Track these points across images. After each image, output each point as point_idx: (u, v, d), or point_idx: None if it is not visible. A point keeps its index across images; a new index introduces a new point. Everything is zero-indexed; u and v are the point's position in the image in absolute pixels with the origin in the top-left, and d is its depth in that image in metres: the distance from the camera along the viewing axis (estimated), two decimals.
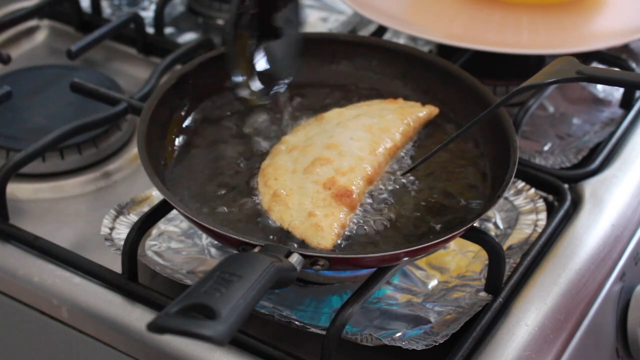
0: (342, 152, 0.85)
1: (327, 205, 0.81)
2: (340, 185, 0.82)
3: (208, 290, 0.61)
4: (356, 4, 1.11)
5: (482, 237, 0.82)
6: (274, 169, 0.85)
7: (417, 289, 0.85)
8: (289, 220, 0.80)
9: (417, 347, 0.77)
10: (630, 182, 0.97)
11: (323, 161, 0.84)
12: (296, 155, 0.86)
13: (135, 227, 0.83)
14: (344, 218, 0.81)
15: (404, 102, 0.93)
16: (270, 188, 0.83)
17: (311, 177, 0.83)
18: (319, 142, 0.86)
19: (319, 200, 0.81)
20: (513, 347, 0.80)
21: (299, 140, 0.88)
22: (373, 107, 0.92)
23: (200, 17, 1.24)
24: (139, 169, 0.97)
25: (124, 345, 0.82)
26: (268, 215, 0.81)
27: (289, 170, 0.84)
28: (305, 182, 0.83)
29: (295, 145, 0.87)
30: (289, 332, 0.80)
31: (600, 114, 1.08)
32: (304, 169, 0.84)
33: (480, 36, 0.96)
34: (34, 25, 1.21)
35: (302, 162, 0.85)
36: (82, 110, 1.01)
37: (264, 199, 0.83)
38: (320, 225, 0.79)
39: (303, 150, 0.86)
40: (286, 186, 0.83)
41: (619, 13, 1.13)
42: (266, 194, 0.83)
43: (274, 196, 0.82)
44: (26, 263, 0.87)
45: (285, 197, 0.82)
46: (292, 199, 0.82)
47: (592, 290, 0.87)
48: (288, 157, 0.86)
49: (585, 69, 0.77)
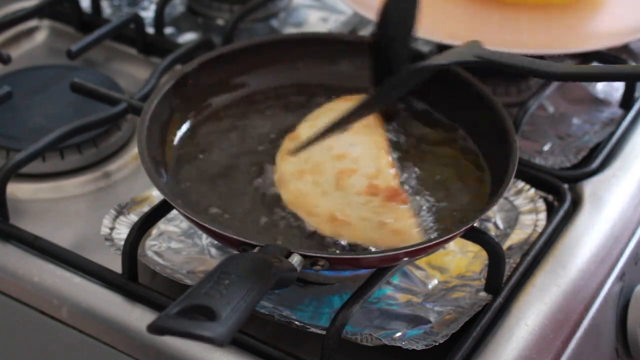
0: (355, 159, 0.84)
1: (387, 210, 0.80)
2: (384, 188, 0.81)
3: (208, 292, 0.61)
4: (356, 4, 1.11)
5: (482, 237, 0.82)
6: (304, 198, 0.82)
7: (417, 289, 0.85)
8: (363, 237, 0.80)
9: (417, 347, 0.77)
10: (630, 182, 0.97)
11: (347, 173, 0.83)
12: (312, 178, 0.83)
13: (135, 227, 0.83)
14: (410, 212, 0.81)
15: (355, 97, 0.90)
16: (320, 215, 0.81)
17: (349, 190, 0.82)
18: (323, 158, 0.84)
19: (376, 208, 0.81)
20: (513, 347, 0.80)
21: (300, 165, 0.85)
22: (334, 110, 0.88)
23: (200, 17, 1.24)
24: (139, 169, 0.97)
25: (124, 345, 0.82)
26: (335, 239, 0.80)
27: (319, 194, 0.82)
28: (348, 198, 0.81)
29: (301, 170, 0.84)
30: (289, 332, 0.80)
31: (600, 114, 1.08)
32: (335, 187, 0.82)
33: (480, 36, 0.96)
34: (34, 25, 1.21)
35: (326, 182, 0.83)
36: (82, 110, 1.01)
37: (320, 227, 0.81)
38: (399, 229, 0.79)
39: (315, 171, 0.84)
40: (336, 208, 0.81)
41: (619, 13, 1.13)
42: (321, 222, 0.81)
43: (333, 221, 0.80)
44: (26, 263, 0.87)
45: (345, 217, 0.80)
46: (350, 217, 0.80)
47: (592, 290, 0.87)
48: (304, 183, 0.83)
49: (483, 52, 0.76)
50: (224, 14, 1.22)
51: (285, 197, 0.83)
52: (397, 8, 0.83)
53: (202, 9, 1.24)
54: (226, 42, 1.09)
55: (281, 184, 0.84)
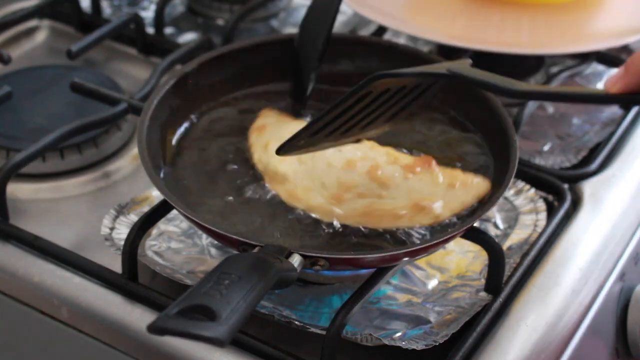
0: (366, 158, 0.85)
1: (436, 174, 0.83)
2: (414, 162, 0.84)
3: (208, 292, 0.61)
4: (356, 4, 1.11)
5: (482, 237, 0.82)
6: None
7: (417, 289, 0.85)
8: (451, 209, 0.82)
9: (417, 347, 0.77)
10: (630, 182, 0.97)
11: (375, 167, 0.84)
12: (346, 194, 0.83)
13: (135, 227, 0.83)
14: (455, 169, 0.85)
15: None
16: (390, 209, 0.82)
17: (392, 180, 0.83)
18: (333, 172, 0.84)
19: (428, 178, 0.83)
20: (513, 347, 0.80)
21: (314, 182, 0.84)
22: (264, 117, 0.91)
23: (200, 17, 1.24)
24: (139, 169, 0.97)
25: (123, 345, 0.82)
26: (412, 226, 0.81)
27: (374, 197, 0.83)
28: (396, 180, 0.83)
29: (321, 184, 0.84)
30: (289, 332, 0.80)
31: (600, 114, 1.08)
32: (371, 179, 0.83)
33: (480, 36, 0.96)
34: (34, 25, 1.21)
35: (363, 185, 0.83)
36: (82, 110, 1.01)
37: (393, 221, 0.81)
38: (467, 182, 0.83)
39: (345, 188, 0.83)
40: (405, 202, 0.82)
41: (619, 13, 1.13)
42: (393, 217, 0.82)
43: (416, 208, 0.81)
44: (26, 263, 0.87)
45: (426, 202, 0.82)
46: (432, 196, 0.82)
47: (592, 290, 0.87)
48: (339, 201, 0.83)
49: (458, 68, 0.77)
50: (224, 14, 1.22)
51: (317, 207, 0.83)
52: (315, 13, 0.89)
53: (202, 9, 1.24)
54: (226, 42, 1.09)
55: (294, 197, 0.83)
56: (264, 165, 0.85)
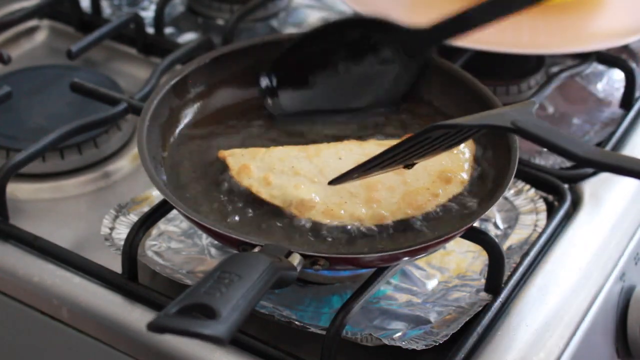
0: (369, 154, 0.83)
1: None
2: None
3: (208, 290, 0.61)
4: (356, 4, 1.11)
5: (482, 237, 0.82)
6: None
7: (417, 289, 0.85)
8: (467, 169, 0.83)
9: (417, 347, 0.77)
10: (630, 182, 0.97)
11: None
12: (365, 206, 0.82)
13: (135, 227, 0.83)
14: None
15: None
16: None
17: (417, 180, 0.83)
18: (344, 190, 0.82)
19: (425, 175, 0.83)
20: (513, 347, 0.80)
21: (332, 200, 0.82)
22: None
23: (200, 17, 1.24)
24: (139, 169, 0.97)
25: (124, 345, 0.82)
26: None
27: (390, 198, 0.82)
28: (419, 181, 0.83)
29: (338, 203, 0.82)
30: (289, 332, 0.80)
31: (600, 114, 1.08)
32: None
33: (481, 36, 0.96)
34: (34, 25, 1.21)
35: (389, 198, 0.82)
36: (82, 110, 1.01)
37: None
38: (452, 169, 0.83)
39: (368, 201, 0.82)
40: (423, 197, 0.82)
41: (619, 13, 1.13)
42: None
43: (443, 179, 0.83)
44: (26, 263, 0.87)
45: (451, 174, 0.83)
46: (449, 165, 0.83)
47: (592, 290, 0.87)
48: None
49: (522, 120, 0.73)
50: (224, 14, 1.23)
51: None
52: None
53: (202, 9, 1.24)
54: (226, 42, 1.09)
55: (332, 215, 0.80)
56: (281, 200, 0.81)
